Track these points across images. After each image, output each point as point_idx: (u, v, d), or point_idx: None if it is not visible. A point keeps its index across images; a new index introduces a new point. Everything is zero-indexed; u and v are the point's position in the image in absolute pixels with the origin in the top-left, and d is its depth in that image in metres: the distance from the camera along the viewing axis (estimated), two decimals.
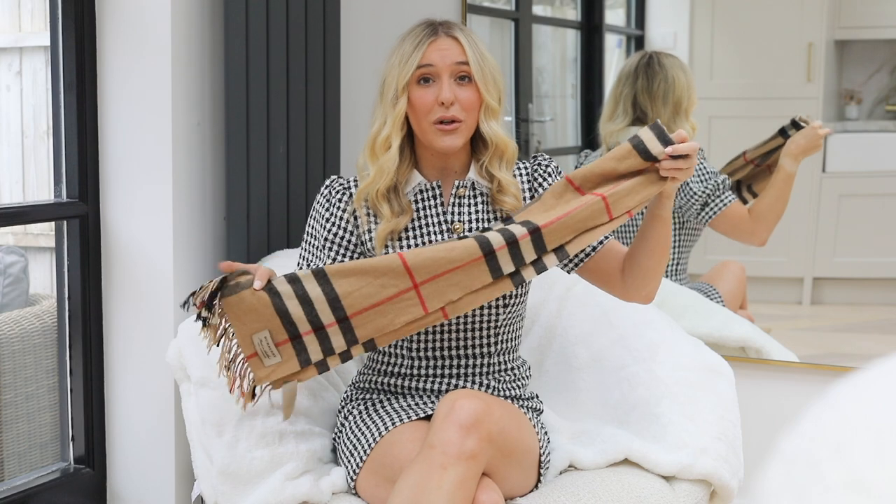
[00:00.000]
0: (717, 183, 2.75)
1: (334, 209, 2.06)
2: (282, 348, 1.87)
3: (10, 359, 2.60)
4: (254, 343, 1.86)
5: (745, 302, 2.90)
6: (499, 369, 2.08)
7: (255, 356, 1.87)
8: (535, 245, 1.84)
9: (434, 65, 1.98)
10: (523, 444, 1.94)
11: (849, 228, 2.82)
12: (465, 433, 1.76)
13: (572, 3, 3.42)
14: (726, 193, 2.75)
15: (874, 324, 2.85)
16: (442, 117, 1.98)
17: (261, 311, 1.85)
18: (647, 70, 2.85)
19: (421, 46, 1.99)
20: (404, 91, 1.99)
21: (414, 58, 1.98)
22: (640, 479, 2.06)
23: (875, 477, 0.60)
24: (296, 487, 1.96)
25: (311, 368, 1.89)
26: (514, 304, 2.05)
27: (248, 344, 1.87)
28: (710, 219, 2.77)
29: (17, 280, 2.86)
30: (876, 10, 2.80)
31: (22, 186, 3.56)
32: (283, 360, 1.87)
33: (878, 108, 2.79)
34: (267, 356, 1.87)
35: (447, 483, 1.74)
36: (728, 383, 2.23)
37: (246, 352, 1.87)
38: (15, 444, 2.60)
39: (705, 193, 2.76)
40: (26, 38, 3.54)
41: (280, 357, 1.87)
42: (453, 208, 2.06)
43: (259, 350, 1.87)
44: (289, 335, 1.86)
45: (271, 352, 1.87)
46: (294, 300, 1.85)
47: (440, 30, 2.01)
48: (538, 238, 1.84)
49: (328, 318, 1.86)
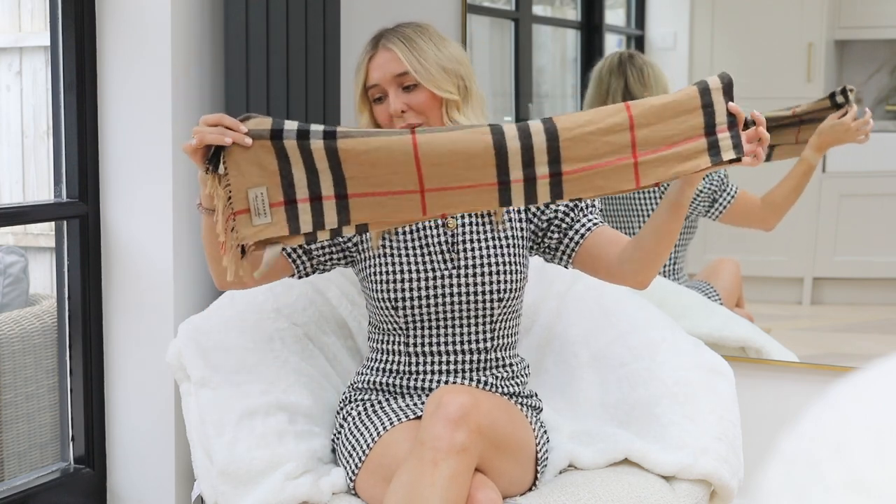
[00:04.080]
0: (721, 177, 2.76)
1: None
2: (275, 210, 1.78)
3: (10, 359, 2.60)
4: (248, 198, 1.77)
5: (742, 300, 2.90)
6: (496, 365, 2.08)
7: (245, 212, 1.78)
8: (552, 190, 1.77)
9: (378, 83, 2.03)
10: (516, 437, 1.94)
11: (849, 228, 2.82)
12: (453, 427, 1.76)
13: (572, 3, 3.42)
14: (730, 185, 2.76)
15: (874, 324, 2.85)
16: (403, 126, 2.00)
17: (265, 166, 1.77)
18: (631, 61, 2.88)
19: (362, 67, 2.06)
20: (363, 110, 2.06)
21: (359, 79, 2.06)
22: (640, 479, 2.06)
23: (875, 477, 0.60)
24: (296, 487, 1.96)
25: (300, 237, 1.81)
26: (508, 298, 2.05)
27: (243, 199, 1.77)
28: (721, 214, 2.78)
29: (17, 280, 2.86)
30: (876, 10, 2.80)
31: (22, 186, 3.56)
32: (272, 222, 1.78)
33: (878, 108, 2.79)
34: (259, 214, 1.78)
35: (440, 478, 1.74)
36: (728, 383, 2.23)
37: (237, 206, 1.77)
38: (15, 444, 2.60)
39: (711, 190, 2.77)
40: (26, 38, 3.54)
41: (270, 219, 1.78)
42: None
43: (252, 206, 1.77)
44: (285, 198, 1.78)
45: (264, 211, 1.78)
46: (300, 165, 1.77)
47: (380, 43, 2.04)
48: (557, 184, 1.76)
49: (328, 190, 1.78)
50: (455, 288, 2.03)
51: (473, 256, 2.05)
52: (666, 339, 2.27)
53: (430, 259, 2.05)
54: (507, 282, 2.05)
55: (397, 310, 2.03)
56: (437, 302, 2.03)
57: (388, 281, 2.04)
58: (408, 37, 2.03)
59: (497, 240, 2.07)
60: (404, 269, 2.04)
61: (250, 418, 2.03)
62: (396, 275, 2.04)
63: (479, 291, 2.04)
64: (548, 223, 2.08)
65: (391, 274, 2.04)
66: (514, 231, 2.09)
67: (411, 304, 2.03)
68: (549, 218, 2.08)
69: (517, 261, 2.07)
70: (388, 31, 2.06)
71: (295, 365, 2.17)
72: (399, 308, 2.03)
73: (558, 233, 2.07)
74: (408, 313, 2.03)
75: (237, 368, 2.12)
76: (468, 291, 2.04)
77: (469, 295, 2.04)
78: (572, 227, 2.06)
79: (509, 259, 2.06)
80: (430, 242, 2.06)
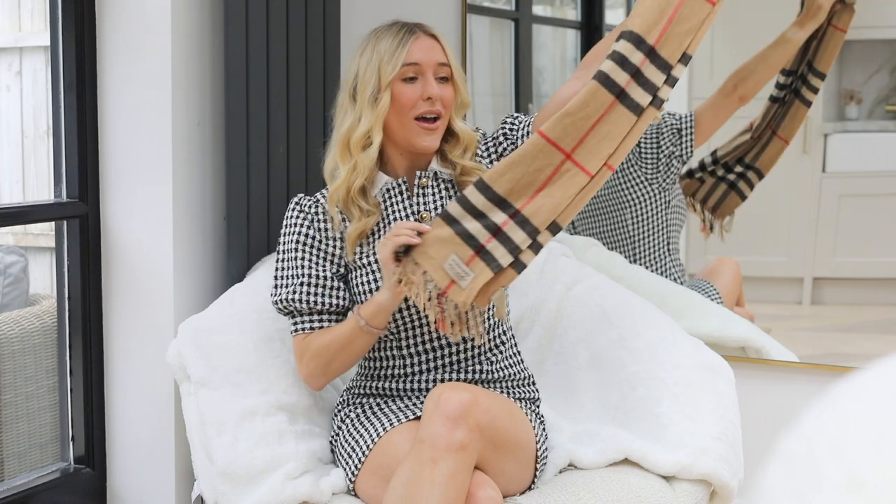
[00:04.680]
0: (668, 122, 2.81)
1: (313, 221, 2.06)
2: (472, 265, 1.88)
3: (10, 359, 2.60)
4: (446, 271, 1.88)
5: (742, 299, 2.91)
6: (489, 347, 2.07)
7: (452, 284, 1.89)
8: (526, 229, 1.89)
9: (419, 63, 2.01)
10: (515, 435, 1.94)
11: (849, 228, 2.82)
12: (452, 425, 1.76)
13: (572, 3, 3.42)
14: (681, 115, 2.81)
15: (874, 324, 2.85)
16: (426, 112, 2.01)
17: (443, 238, 1.88)
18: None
19: (404, 44, 2.01)
20: (387, 88, 2.00)
21: (399, 55, 2.01)
22: (640, 478, 2.06)
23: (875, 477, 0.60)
24: (296, 487, 1.95)
25: (508, 271, 1.90)
26: None
27: (443, 275, 1.89)
28: (692, 136, 2.81)
29: (17, 280, 2.86)
30: (876, 10, 2.80)
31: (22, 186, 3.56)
32: (476, 275, 1.88)
33: (878, 108, 2.79)
34: (462, 278, 1.88)
35: (439, 476, 1.74)
36: (728, 383, 2.23)
37: (442, 284, 1.89)
38: (15, 444, 2.60)
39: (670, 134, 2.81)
40: (26, 38, 3.55)
41: (473, 272, 1.88)
42: (418, 199, 2.08)
43: (453, 275, 1.88)
44: (473, 250, 1.88)
45: (464, 272, 1.88)
46: (466, 217, 1.88)
47: (417, 29, 2.04)
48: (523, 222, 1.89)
49: (500, 217, 1.87)
50: None
51: None
52: (666, 340, 2.27)
53: None
54: None
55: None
56: None
57: (370, 291, 2.03)
58: (441, 35, 2.08)
59: None
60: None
61: (250, 418, 2.03)
62: (378, 282, 2.03)
63: None
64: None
65: (372, 283, 2.03)
66: None
67: (398, 309, 2.02)
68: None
69: None
70: (417, 23, 2.07)
71: (295, 365, 2.17)
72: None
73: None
74: (396, 317, 2.03)
75: (237, 368, 2.12)
76: None
77: None
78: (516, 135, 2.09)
79: None
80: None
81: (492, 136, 2.12)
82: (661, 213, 2.86)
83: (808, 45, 2.72)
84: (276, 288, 2.06)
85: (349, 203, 2.04)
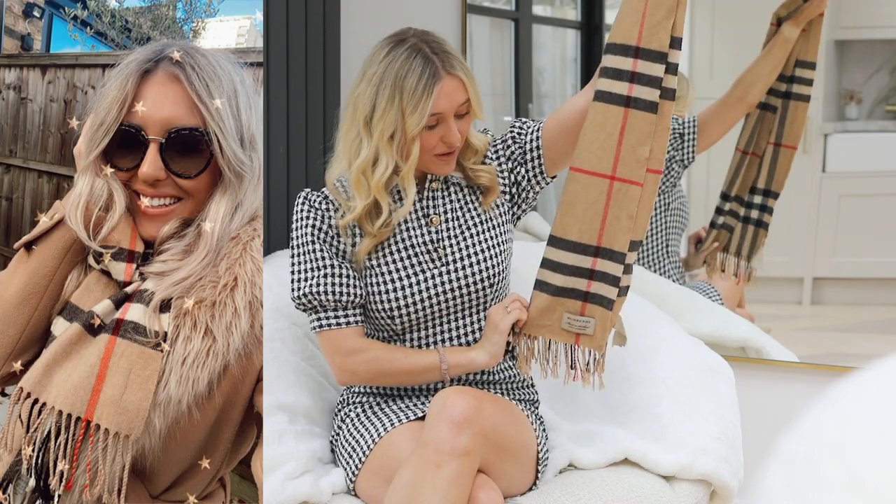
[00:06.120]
0: (678, 125, 2.79)
1: (323, 216, 2.04)
2: (587, 312, 1.92)
3: None
4: (567, 330, 1.93)
5: (743, 300, 2.91)
6: None
7: (580, 337, 1.93)
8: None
9: (442, 111, 1.95)
10: (519, 439, 1.94)
11: (849, 228, 2.82)
12: (457, 430, 1.77)
13: (572, 3, 3.42)
14: (683, 120, 2.79)
15: (874, 324, 2.85)
16: (446, 150, 1.99)
17: (548, 305, 1.93)
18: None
19: (430, 92, 1.93)
20: (415, 140, 1.95)
21: (424, 106, 1.92)
22: (640, 478, 2.06)
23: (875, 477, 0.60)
24: (296, 487, 1.95)
25: (619, 300, 1.94)
26: (498, 280, 2.06)
27: (567, 334, 1.93)
28: (695, 141, 2.80)
29: None
30: (876, 10, 2.80)
31: None
32: (596, 318, 1.92)
33: (878, 108, 2.79)
34: (585, 328, 1.92)
35: (441, 480, 1.74)
36: (728, 383, 2.23)
37: (569, 340, 1.93)
38: None
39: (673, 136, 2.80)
40: None
41: (593, 318, 1.92)
42: (427, 202, 2.07)
43: (576, 329, 1.92)
44: (580, 299, 1.92)
45: (584, 322, 1.92)
46: (555, 275, 1.92)
47: (441, 69, 1.94)
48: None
49: (587, 261, 1.91)
50: (446, 285, 2.03)
51: (459, 249, 2.05)
52: (666, 340, 2.27)
53: (416, 262, 2.04)
54: (495, 265, 2.05)
55: (393, 318, 2.03)
56: (431, 303, 2.03)
57: (379, 293, 2.02)
58: (460, 61, 1.99)
59: (481, 224, 2.07)
60: (394, 277, 2.02)
61: None
62: (388, 284, 2.02)
63: (469, 283, 2.03)
64: (512, 166, 2.09)
65: (381, 285, 2.03)
66: (499, 209, 2.09)
67: (407, 311, 2.02)
68: (512, 167, 2.09)
69: (502, 240, 2.08)
70: (438, 52, 1.96)
71: (295, 365, 2.17)
72: (395, 317, 2.03)
73: (522, 166, 2.08)
74: (403, 319, 2.03)
75: None
76: (459, 286, 2.03)
77: (461, 288, 2.03)
78: (524, 139, 2.08)
79: (493, 241, 2.07)
80: (415, 244, 2.05)
81: (500, 139, 2.11)
82: (660, 215, 2.86)
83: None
84: (296, 283, 2.01)
85: (363, 220, 2.02)
